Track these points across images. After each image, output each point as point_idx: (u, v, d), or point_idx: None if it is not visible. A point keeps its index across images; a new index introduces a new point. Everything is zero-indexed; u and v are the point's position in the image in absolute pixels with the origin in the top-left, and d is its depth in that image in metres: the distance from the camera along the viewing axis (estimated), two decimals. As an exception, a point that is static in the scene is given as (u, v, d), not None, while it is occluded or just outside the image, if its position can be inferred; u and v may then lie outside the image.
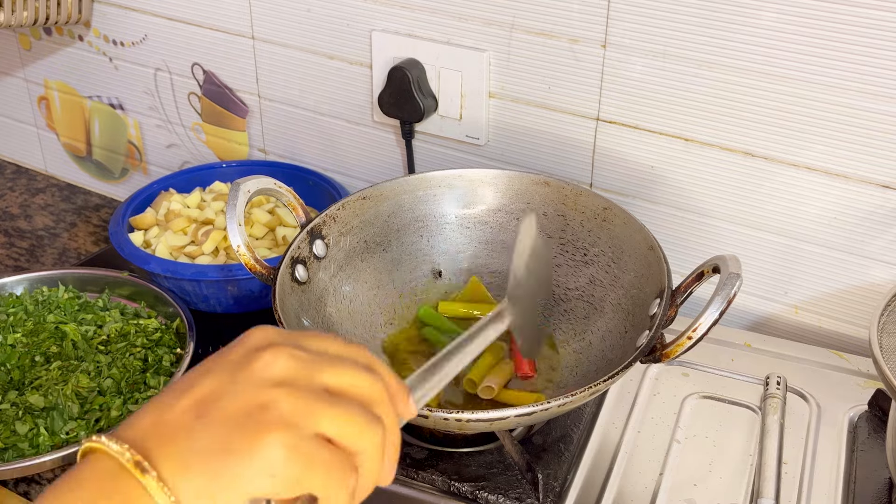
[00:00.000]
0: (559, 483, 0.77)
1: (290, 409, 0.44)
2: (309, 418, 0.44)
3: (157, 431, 0.44)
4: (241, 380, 0.46)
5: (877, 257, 0.90)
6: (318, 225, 0.89)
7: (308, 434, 0.44)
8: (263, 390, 0.45)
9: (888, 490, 0.78)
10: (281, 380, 0.45)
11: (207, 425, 0.44)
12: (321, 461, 0.44)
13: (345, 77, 1.11)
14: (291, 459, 0.43)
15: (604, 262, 0.89)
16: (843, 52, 0.83)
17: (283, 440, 0.43)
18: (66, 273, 1.09)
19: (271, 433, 0.43)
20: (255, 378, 0.46)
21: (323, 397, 0.45)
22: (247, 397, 0.45)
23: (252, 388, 0.45)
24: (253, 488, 0.43)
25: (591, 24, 0.93)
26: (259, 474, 0.43)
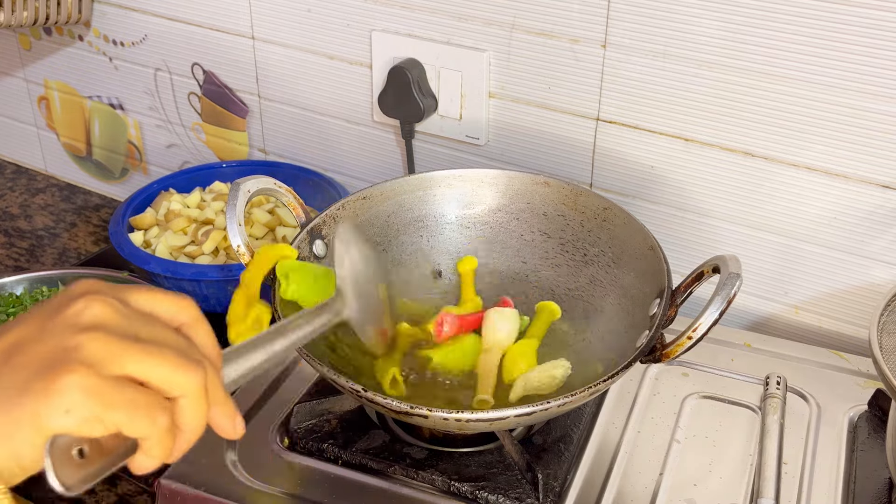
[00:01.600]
0: (559, 483, 0.77)
1: (93, 350, 0.45)
2: (114, 360, 0.45)
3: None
4: (51, 325, 0.46)
5: (877, 257, 0.90)
6: (318, 225, 0.89)
7: (110, 374, 0.45)
8: (71, 335, 0.45)
9: (888, 490, 0.78)
10: (90, 325, 0.46)
11: (10, 369, 0.45)
12: (122, 399, 0.44)
13: (345, 77, 1.11)
14: (88, 396, 0.43)
15: (604, 262, 0.89)
16: (843, 52, 0.83)
17: (81, 380, 0.43)
18: (66, 273, 1.09)
19: (70, 373, 0.44)
20: (65, 323, 0.46)
21: (133, 341, 0.46)
22: (54, 341, 0.45)
23: (60, 333, 0.46)
24: (49, 425, 0.43)
25: (591, 24, 0.93)
26: (54, 412, 0.43)
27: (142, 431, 0.45)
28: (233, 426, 0.50)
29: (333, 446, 0.79)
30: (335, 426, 0.81)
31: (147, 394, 0.45)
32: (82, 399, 0.43)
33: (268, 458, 0.80)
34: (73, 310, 0.46)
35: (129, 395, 0.45)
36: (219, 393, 0.49)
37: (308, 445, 0.80)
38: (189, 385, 0.47)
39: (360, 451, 0.79)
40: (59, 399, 0.43)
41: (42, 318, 0.47)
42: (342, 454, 0.79)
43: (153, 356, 0.46)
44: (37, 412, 0.43)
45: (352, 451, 0.79)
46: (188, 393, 0.47)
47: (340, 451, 0.79)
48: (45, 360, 0.45)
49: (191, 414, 0.47)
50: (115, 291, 0.49)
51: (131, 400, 0.45)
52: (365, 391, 0.70)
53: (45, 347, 0.45)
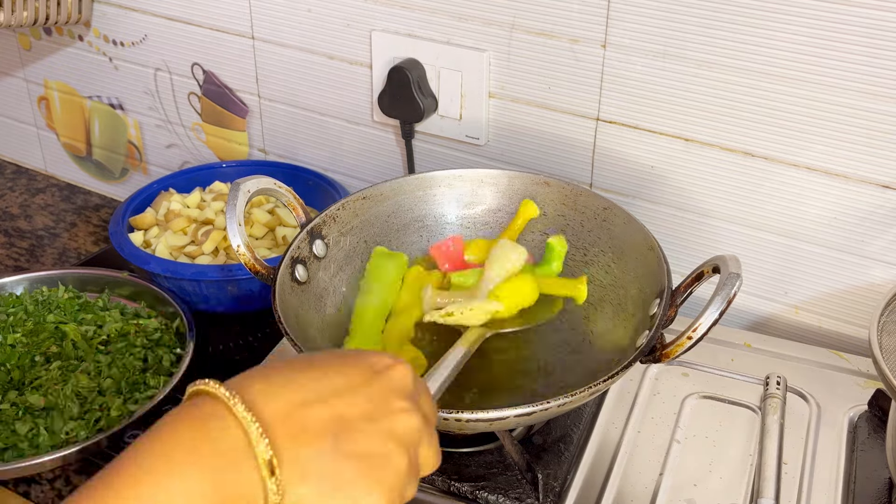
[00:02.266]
0: (559, 483, 0.77)
1: (398, 474, 0.49)
2: (408, 486, 0.50)
3: (291, 427, 0.48)
4: (377, 420, 0.50)
5: (877, 257, 0.90)
6: (318, 225, 0.89)
7: (402, 496, 0.50)
8: (391, 444, 0.50)
9: (888, 490, 0.78)
10: (405, 441, 0.51)
11: (337, 451, 0.48)
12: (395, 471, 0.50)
13: (345, 77, 1.11)
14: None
15: (604, 262, 0.89)
16: (843, 52, 0.83)
17: (382, 499, 0.48)
18: (66, 273, 1.09)
19: (377, 491, 0.48)
20: (388, 428, 0.50)
21: (419, 468, 0.52)
22: (377, 444, 0.49)
23: (384, 437, 0.50)
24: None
25: (591, 24, 0.93)
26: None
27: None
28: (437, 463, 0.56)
29: (333, 446, 0.79)
30: (335, 426, 0.81)
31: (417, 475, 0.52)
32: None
33: (268, 458, 0.79)
34: (397, 414, 0.51)
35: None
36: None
37: (308, 445, 0.80)
38: (435, 461, 0.54)
39: (360, 451, 0.79)
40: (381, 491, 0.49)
41: (368, 403, 0.50)
42: (342, 454, 0.79)
43: (426, 471, 0.53)
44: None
45: (352, 451, 0.79)
46: (434, 464, 0.54)
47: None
48: (365, 460, 0.49)
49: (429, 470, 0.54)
50: (419, 389, 0.54)
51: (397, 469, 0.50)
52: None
53: (367, 446, 0.49)
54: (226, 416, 0.47)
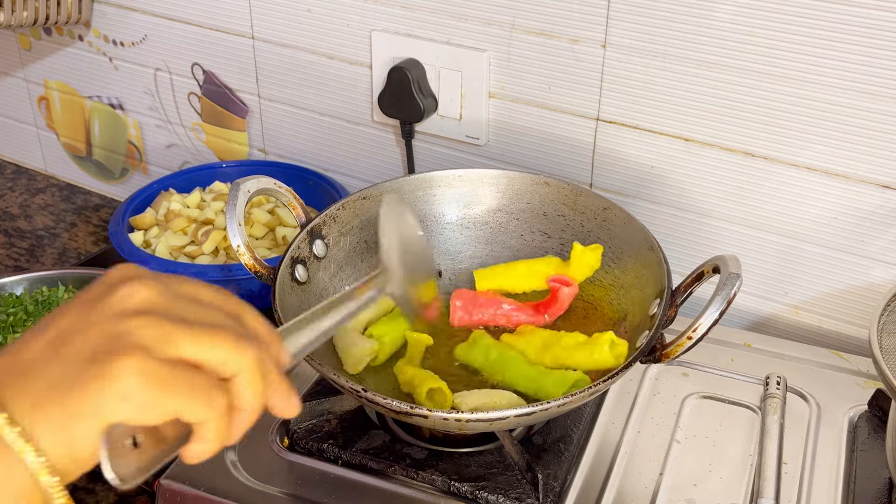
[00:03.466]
0: (559, 483, 0.77)
1: (145, 334, 0.43)
2: (167, 343, 0.44)
3: (10, 371, 0.43)
4: (97, 313, 0.45)
5: (877, 257, 0.90)
6: (318, 225, 0.89)
7: (165, 357, 0.43)
8: (119, 320, 0.44)
9: (888, 490, 0.78)
10: (138, 309, 0.45)
11: (61, 360, 0.43)
12: (180, 383, 0.43)
13: (345, 77, 1.11)
14: (145, 381, 0.42)
15: (604, 262, 0.89)
16: (843, 52, 0.83)
17: (136, 365, 0.42)
18: (66, 273, 1.09)
19: (124, 358, 0.42)
20: (111, 310, 0.45)
21: (183, 323, 0.45)
22: (102, 329, 0.44)
23: (108, 320, 0.44)
24: (107, 414, 0.42)
25: (591, 24, 0.93)
26: (111, 400, 0.42)
27: (199, 415, 0.44)
28: (289, 404, 0.48)
29: (333, 446, 0.79)
30: (335, 426, 0.81)
31: (204, 375, 0.44)
32: (140, 384, 0.42)
33: (268, 458, 0.80)
34: (118, 295, 0.45)
35: (187, 377, 0.43)
36: (273, 371, 0.47)
37: (308, 445, 0.80)
38: (244, 362, 0.45)
39: (360, 452, 0.79)
40: (115, 385, 0.42)
41: (84, 307, 0.45)
42: (342, 454, 0.79)
43: (207, 335, 0.45)
44: (94, 401, 0.42)
45: (352, 452, 0.79)
46: (244, 370, 0.45)
47: (340, 451, 0.79)
48: (96, 347, 0.43)
49: (248, 392, 0.46)
50: (156, 276, 0.47)
51: (189, 382, 0.43)
52: (365, 391, 0.70)
53: (94, 335, 0.44)
54: None
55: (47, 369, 0.43)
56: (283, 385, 0.48)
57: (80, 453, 0.42)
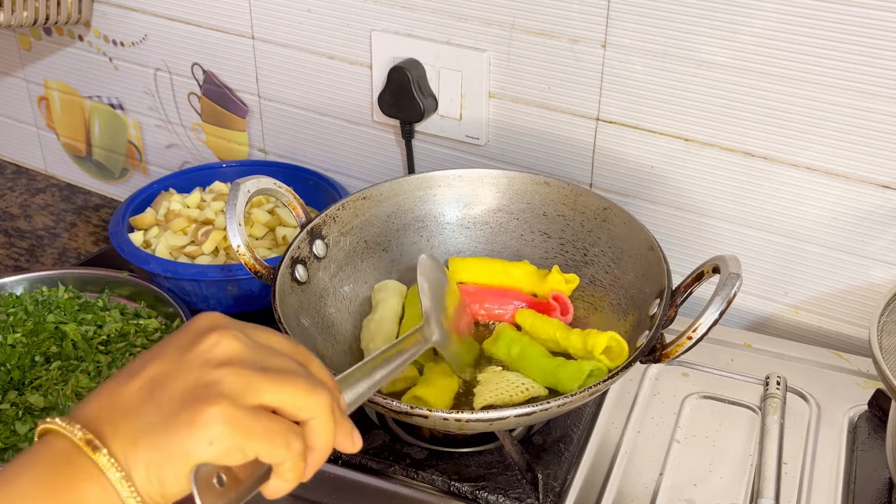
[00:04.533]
0: (559, 483, 0.77)
1: (231, 384, 0.48)
2: (249, 391, 0.48)
3: (108, 412, 0.48)
4: (187, 361, 0.49)
5: (877, 257, 0.90)
6: (318, 225, 0.89)
7: (248, 405, 0.48)
8: (208, 370, 0.49)
9: (888, 490, 0.78)
10: (225, 360, 0.49)
11: (155, 404, 0.48)
12: (261, 428, 0.48)
13: (345, 77, 1.11)
14: (230, 428, 0.47)
15: (604, 262, 0.89)
16: (843, 52, 0.83)
17: (223, 411, 0.47)
18: (66, 273, 1.09)
19: (211, 406, 0.47)
20: (200, 359, 0.49)
21: (264, 373, 0.49)
22: (192, 376, 0.48)
23: (198, 368, 0.49)
24: (195, 456, 0.46)
25: (591, 24, 0.93)
26: (199, 443, 0.46)
27: (279, 457, 0.48)
28: (352, 441, 0.54)
29: (333, 446, 0.79)
30: (335, 426, 0.81)
31: (281, 421, 0.49)
32: (225, 430, 0.47)
33: (268, 458, 0.79)
34: (205, 345, 0.50)
35: (266, 423, 0.48)
36: (340, 413, 0.52)
37: (308, 445, 0.80)
38: (318, 407, 0.50)
39: (360, 451, 0.79)
40: (203, 431, 0.47)
41: (176, 354, 0.50)
42: (342, 454, 0.79)
43: (285, 384, 0.49)
44: (184, 444, 0.46)
45: (352, 451, 0.79)
46: (318, 414, 0.50)
47: (340, 451, 0.79)
48: (186, 394, 0.48)
49: (321, 434, 0.51)
50: (239, 327, 0.52)
51: (268, 428, 0.48)
52: (365, 391, 0.70)
53: (184, 382, 0.48)
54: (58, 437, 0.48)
55: (143, 412, 0.48)
56: (348, 425, 0.53)
57: (168, 490, 0.47)
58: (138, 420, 0.48)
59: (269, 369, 0.50)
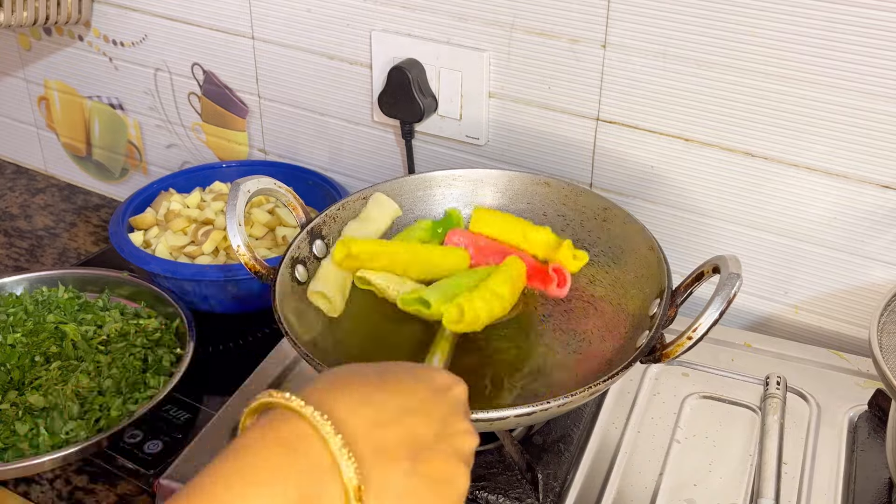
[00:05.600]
0: (559, 483, 0.77)
1: (461, 494, 0.52)
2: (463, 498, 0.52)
3: (374, 449, 0.48)
4: (445, 440, 0.52)
5: (877, 257, 0.90)
6: (318, 225, 0.89)
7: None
8: (459, 465, 0.52)
9: (888, 490, 0.78)
10: (467, 459, 0.53)
11: (414, 473, 0.49)
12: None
13: (345, 77, 1.11)
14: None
15: (604, 262, 0.89)
16: (843, 52, 0.83)
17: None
18: (66, 273, 1.09)
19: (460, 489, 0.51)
20: (456, 448, 0.52)
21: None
22: (448, 465, 0.51)
23: (453, 458, 0.51)
24: None
25: (591, 24, 0.93)
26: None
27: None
28: None
29: (333, 446, 0.79)
30: (335, 426, 0.81)
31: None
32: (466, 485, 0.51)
33: (268, 458, 0.79)
34: (461, 435, 0.53)
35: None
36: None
37: (308, 445, 0.80)
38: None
39: (360, 451, 0.79)
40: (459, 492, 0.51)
41: (438, 423, 0.52)
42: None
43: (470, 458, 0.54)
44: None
45: (352, 451, 0.79)
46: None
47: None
48: (437, 480, 0.50)
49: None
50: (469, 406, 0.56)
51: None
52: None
53: (440, 466, 0.51)
54: (310, 435, 0.47)
55: (402, 476, 0.49)
56: None
57: None
58: (396, 482, 0.49)
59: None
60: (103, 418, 0.88)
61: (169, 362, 0.96)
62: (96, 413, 0.89)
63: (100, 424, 0.88)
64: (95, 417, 0.88)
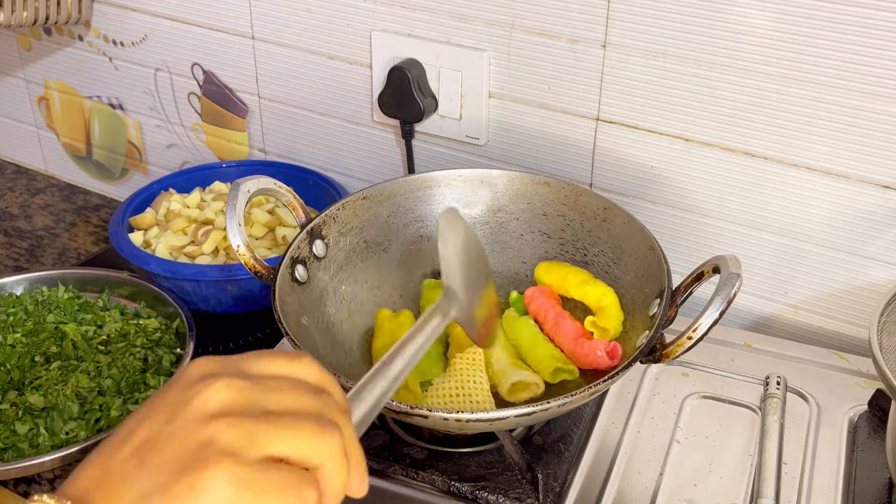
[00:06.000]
0: (559, 483, 0.77)
1: (231, 438, 0.43)
2: (252, 445, 0.43)
3: (99, 484, 0.43)
4: (179, 419, 0.44)
5: (877, 257, 0.90)
6: (318, 225, 0.89)
7: (254, 460, 0.43)
8: (202, 426, 0.44)
9: (888, 490, 0.78)
10: (219, 412, 0.44)
11: (149, 471, 0.43)
12: (272, 484, 0.43)
13: (345, 77, 1.11)
14: (239, 490, 0.42)
15: (604, 262, 0.89)
16: (843, 52, 0.83)
17: (228, 472, 0.42)
18: (66, 273, 1.09)
19: (214, 468, 0.42)
20: (192, 415, 0.44)
21: (266, 419, 0.44)
22: (186, 436, 0.44)
23: (191, 426, 0.44)
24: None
25: (591, 24, 0.93)
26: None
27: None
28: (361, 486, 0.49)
29: (333, 446, 0.79)
30: (335, 426, 0.81)
31: (292, 472, 0.44)
32: (232, 492, 0.42)
33: (268, 458, 0.79)
34: (198, 398, 0.45)
35: (276, 477, 0.43)
36: (355, 452, 0.48)
37: (308, 445, 0.80)
38: (330, 451, 0.45)
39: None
40: (208, 496, 0.42)
41: (166, 412, 0.45)
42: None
43: (290, 429, 0.45)
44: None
45: (352, 451, 0.79)
46: (328, 460, 0.45)
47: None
48: (182, 457, 0.43)
49: (334, 479, 0.46)
50: (231, 366, 0.47)
51: (280, 484, 0.43)
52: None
53: (179, 444, 0.43)
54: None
55: (137, 481, 0.43)
56: (362, 468, 0.48)
57: None
58: (132, 491, 0.42)
59: (272, 413, 0.45)
60: (103, 418, 0.88)
61: (169, 362, 0.96)
62: (96, 413, 0.89)
63: (100, 424, 0.88)
64: (95, 417, 0.88)
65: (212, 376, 0.46)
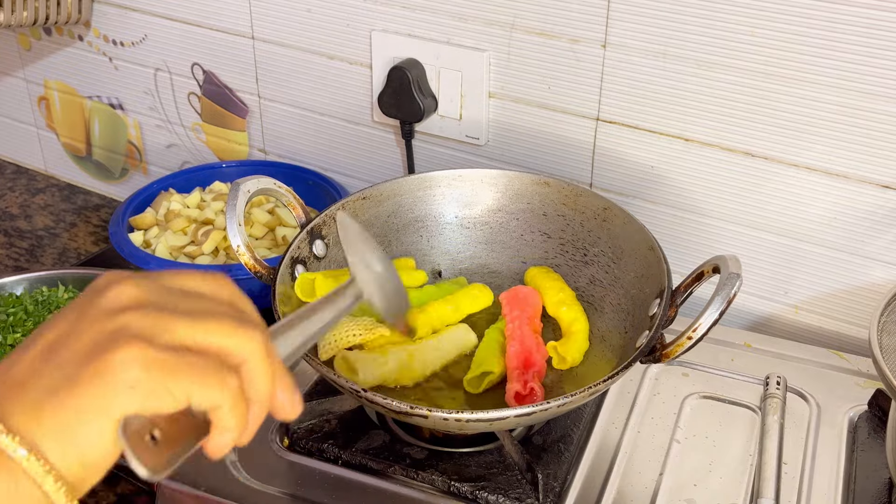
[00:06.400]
0: (559, 483, 0.77)
1: (141, 325, 0.41)
2: (165, 331, 0.42)
3: (4, 385, 0.41)
4: (87, 317, 0.42)
5: (877, 257, 0.90)
6: (318, 225, 0.89)
7: (164, 343, 0.41)
8: (112, 318, 0.42)
9: (888, 490, 0.78)
10: (129, 305, 0.42)
11: (56, 365, 0.41)
12: (186, 365, 0.41)
13: (345, 77, 1.11)
14: (149, 368, 0.40)
15: (604, 262, 0.89)
16: (843, 52, 0.83)
17: (137, 353, 0.40)
18: (66, 273, 1.09)
19: (123, 349, 0.40)
20: (102, 310, 0.42)
21: (179, 312, 0.43)
22: (95, 329, 0.42)
23: (100, 320, 0.42)
24: (115, 408, 0.40)
25: (591, 24, 0.93)
26: (118, 391, 0.40)
27: (213, 398, 0.41)
28: (292, 402, 0.45)
29: (333, 446, 0.79)
30: (335, 426, 0.81)
31: (210, 357, 0.42)
32: (144, 371, 0.40)
33: (268, 458, 0.80)
34: (106, 297, 0.43)
35: (193, 360, 0.41)
36: (279, 363, 0.45)
37: (308, 445, 0.80)
38: (251, 346, 0.43)
39: (360, 452, 0.79)
40: (119, 377, 0.40)
41: (73, 314, 0.43)
42: (342, 454, 0.79)
43: (205, 322, 0.42)
44: (98, 397, 0.40)
45: (352, 452, 0.79)
46: (252, 355, 0.43)
47: (340, 451, 0.79)
48: (91, 346, 0.41)
49: (259, 378, 0.43)
50: (146, 275, 0.45)
51: (194, 364, 0.41)
52: (364, 391, 0.70)
53: (87, 336, 0.41)
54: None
55: (43, 376, 0.41)
56: (288, 377, 0.45)
57: (89, 456, 0.40)
58: (39, 386, 0.40)
59: (185, 310, 0.43)
60: (103, 418, 0.88)
61: (169, 362, 0.96)
62: (96, 413, 0.89)
63: (100, 424, 0.88)
64: (95, 417, 0.88)
65: (122, 280, 0.44)
